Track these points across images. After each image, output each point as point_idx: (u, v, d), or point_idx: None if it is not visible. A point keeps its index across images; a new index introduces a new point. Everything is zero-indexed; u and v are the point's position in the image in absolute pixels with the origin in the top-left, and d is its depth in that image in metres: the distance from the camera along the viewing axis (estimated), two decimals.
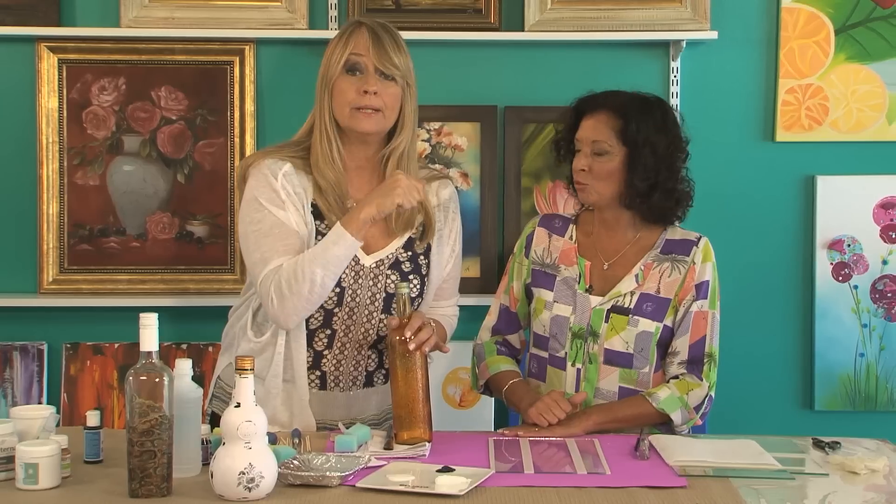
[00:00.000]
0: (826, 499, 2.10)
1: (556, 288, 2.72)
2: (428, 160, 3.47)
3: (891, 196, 3.51)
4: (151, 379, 2.05)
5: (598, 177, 2.66)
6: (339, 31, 2.64)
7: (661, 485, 2.12)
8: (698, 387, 2.62)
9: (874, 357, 3.51)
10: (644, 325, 2.63)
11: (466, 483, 2.08)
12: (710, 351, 2.65)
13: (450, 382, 3.48)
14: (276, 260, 2.51)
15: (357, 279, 2.57)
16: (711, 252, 2.70)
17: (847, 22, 3.48)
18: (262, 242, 2.53)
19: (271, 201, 2.54)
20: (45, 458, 2.10)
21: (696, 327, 2.64)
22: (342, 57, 2.57)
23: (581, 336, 2.66)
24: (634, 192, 2.65)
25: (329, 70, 2.58)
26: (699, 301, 2.65)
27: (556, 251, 2.76)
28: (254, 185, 2.57)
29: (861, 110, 3.50)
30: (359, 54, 2.56)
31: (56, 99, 3.44)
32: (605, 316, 2.65)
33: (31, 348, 3.45)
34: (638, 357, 2.63)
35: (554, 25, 3.42)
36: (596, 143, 2.65)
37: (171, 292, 3.47)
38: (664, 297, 2.65)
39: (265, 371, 2.58)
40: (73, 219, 3.46)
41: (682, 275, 2.66)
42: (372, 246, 2.59)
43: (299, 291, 2.46)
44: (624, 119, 2.64)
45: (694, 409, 2.61)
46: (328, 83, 2.58)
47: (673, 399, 2.60)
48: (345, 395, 2.64)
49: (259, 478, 2.02)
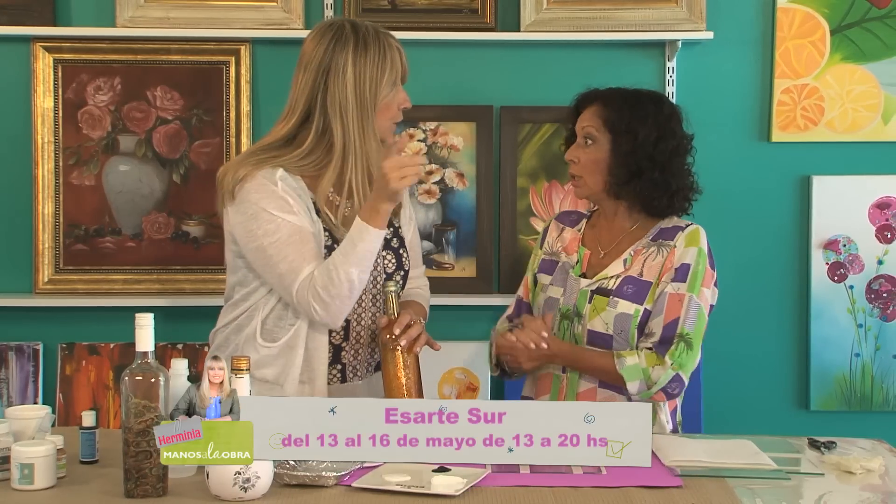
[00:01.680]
0: (822, 499, 2.10)
1: (555, 273, 2.79)
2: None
3: (886, 196, 3.51)
4: (147, 379, 2.05)
5: (586, 167, 2.71)
6: (367, 45, 2.60)
7: (656, 485, 2.13)
8: (661, 364, 2.61)
9: (870, 357, 3.52)
10: (623, 306, 2.65)
11: (462, 483, 2.08)
12: (681, 332, 2.61)
13: (445, 382, 3.48)
14: (306, 268, 2.52)
15: None
16: (699, 238, 2.68)
17: (842, 22, 3.48)
18: (286, 252, 2.53)
19: (281, 209, 2.54)
20: (41, 458, 2.10)
21: (670, 308, 2.63)
22: (393, 78, 2.61)
23: (568, 317, 2.71)
24: (615, 180, 2.69)
25: (374, 90, 2.58)
26: (675, 283, 2.64)
27: (563, 242, 2.83)
28: (258, 198, 2.55)
29: (856, 110, 3.50)
30: (401, 75, 2.64)
31: (51, 99, 3.44)
32: (588, 297, 2.69)
33: (27, 348, 3.45)
34: (618, 339, 2.65)
35: (550, 25, 3.42)
36: (584, 129, 2.73)
37: (167, 292, 3.47)
38: (646, 281, 2.67)
39: (284, 376, 2.58)
40: (69, 219, 3.46)
41: (664, 258, 2.68)
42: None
43: (339, 294, 2.49)
44: (611, 108, 2.71)
45: (655, 384, 2.60)
46: (374, 104, 2.59)
47: (636, 368, 2.60)
48: (364, 382, 2.68)
49: (255, 478, 2.02)
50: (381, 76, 2.58)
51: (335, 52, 2.58)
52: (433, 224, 3.50)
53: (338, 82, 2.57)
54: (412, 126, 3.47)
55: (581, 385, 2.68)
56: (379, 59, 2.59)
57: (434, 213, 3.50)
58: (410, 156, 2.52)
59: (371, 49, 2.58)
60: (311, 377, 2.59)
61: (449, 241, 3.51)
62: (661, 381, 2.59)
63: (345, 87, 2.56)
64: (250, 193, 2.55)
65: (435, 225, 3.50)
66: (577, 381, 2.69)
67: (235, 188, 2.57)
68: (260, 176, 2.56)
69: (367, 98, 2.57)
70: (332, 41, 2.59)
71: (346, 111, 2.56)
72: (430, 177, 3.49)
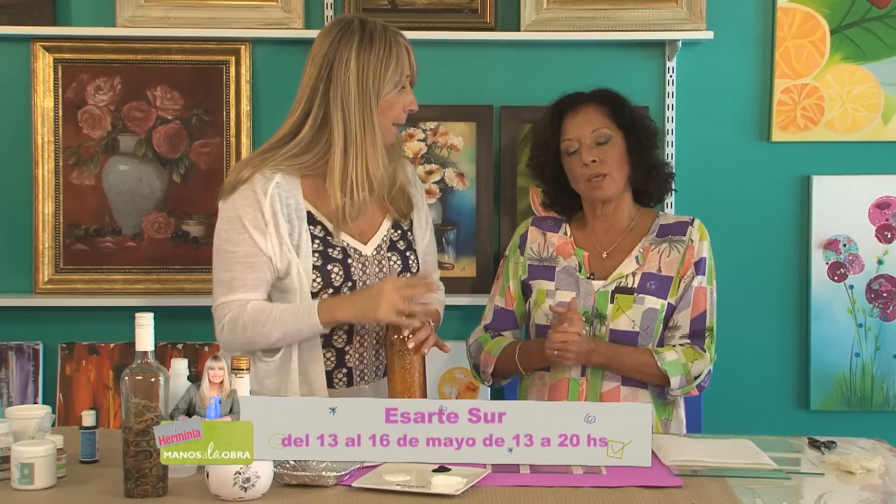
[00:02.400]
0: (822, 498, 2.10)
1: (557, 277, 2.77)
2: (424, 160, 3.48)
3: (886, 196, 3.51)
4: (147, 379, 2.06)
5: (612, 163, 2.73)
6: (373, 39, 2.58)
7: (657, 484, 2.13)
8: (701, 358, 2.68)
9: (870, 357, 3.52)
10: (650, 302, 2.69)
11: (462, 483, 2.08)
12: (710, 325, 2.72)
13: (446, 382, 3.48)
14: (241, 293, 2.54)
15: (364, 269, 2.61)
16: (706, 231, 2.78)
17: (842, 22, 3.48)
18: (234, 268, 2.56)
19: (254, 224, 2.54)
20: (41, 458, 2.10)
21: (697, 302, 2.71)
22: (397, 75, 2.58)
23: (587, 320, 2.70)
24: (639, 174, 2.75)
25: (377, 85, 2.56)
26: (699, 277, 2.72)
27: (552, 246, 2.82)
28: (241, 203, 2.55)
29: (856, 110, 3.50)
30: (408, 76, 2.61)
31: (51, 98, 3.43)
32: (609, 297, 2.69)
33: (27, 348, 3.45)
34: (643, 335, 2.68)
35: (550, 25, 3.42)
36: (596, 131, 2.73)
37: (167, 292, 3.47)
38: (666, 276, 2.71)
39: (283, 391, 2.58)
40: (69, 218, 3.46)
41: (681, 253, 2.73)
42: (367, 233, 2.64)
43: (251, 339, 2.52)
44: (609, 105, 2.75)
45: (694, 378, 2.65)
46: (377, 98, 2.56)
47: (678, 364, 2.65)
48: (371, 387, 2.67)
49: (255, 477, 2.02)
50: (384, 71, 2.56)
51: (340, 45, 2.57)
52: (433, 224, 3.49)
53: (340, 74, 2.55)
54: (412, 126, 3.47)
55: (605, 385, 2.68)
56: (384, 54, 2.57)
57: (434, 213, 3.49)
58: (408, 293, 2.50)
59: (377, 44, 2.57)
60: (310, 391, 2.58)
61: (449, 241, 3.51)
62: (702, 374, 2.64)
63: (347, 79, 2.54)
64: (238, 196, 2.56)
65: (435, 225, 3.49)
66: (601, 381, 2.68)
67: (235, 184, 2.57)
68: (256, 181, 2.55)
69: (370, 92, 2.55)
70: (339, 35, 2.58)
71: (347, 103, 2.54)
72: (430, 177, 3.49)
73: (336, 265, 2.58)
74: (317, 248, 2.57)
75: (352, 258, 2.60)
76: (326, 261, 2.57)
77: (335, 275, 2.57)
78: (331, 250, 2.58)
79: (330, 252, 2.58)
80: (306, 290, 2.54)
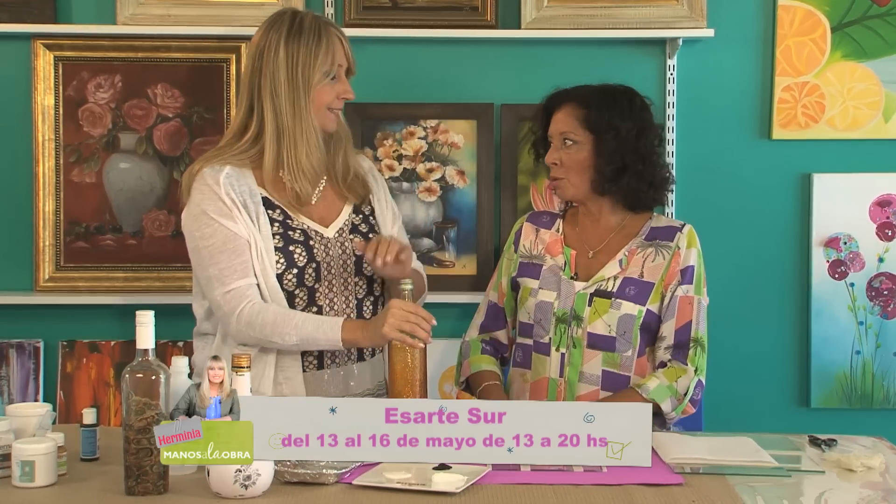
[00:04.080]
0: (822, 496, 2.11)
1: (542, 276, 2.77)
2: (424, 158, 3.48)
3: (887, 194, 3.51)
4: (148, 377, 2.06)
5: (570, 168, 2.73)
6: (302, 29, 2.63)
7: (657, 482, 2.13)
8: (685, 374, 2.64)
9: (870, 355, 3.52)
10: (626, 307, 2.66)
11: (463, 480, 2.08)
12: (696, 336, 2.67)
13: (446, 380, 3.48)
14: (234, 282, 2.56)
15: (327, 251, 2.65)
16: (696, 238, 2.74)
17: (843, 20, 3.48)
18: (218, 259, 2.57)
19: (220, 212, 2.57)
20: (42, 455, 2.10)
21: (682, 312, 2.67)
22: (327, 65, 2.63)
23: (565, 321, 2.69)
24: (604, 178, 2.70)
25: (307, 73, 2.60)
26: (684, 286, 2.68)
27: (542, 243, 2.83)
28: (200, 199, 2.59)
29: (857, 108, 3.50)
30: (341, 65, 2.65)
31: (52, 96, 3.43)
32: (588, 300, 2.68)
33: (28, 346, 3.45)
34: (620, 340, 2.66)
35: (550, 23, 3.42)
36: (563, 133, 2.74)
37: (168, 290, 3.46)
38: (648, 282, 2.68)
39: (258, 380, 2.58)
40: (69, 216, 3.46)
41: (666, 260, 2.70)
42: (327, 218, 2.69)
43: (267, 337, 2.54)
44: (587, 108, 2.72)
45: (683, 395, 2.62)
46: (308, 86, 2.60)
47: (662, 388, 2.61)
48: (342, 369, 2.68)
49: (255, 475, 2.02)
50: (313, 60, 2.61)
51: (270, 36, 2.64)
52: (434, 222, 3.50)
53: (269, 63, 2.61)
54: (413, 124, 3.47)
55: (581, 388, 2.68)
56: (313, 43, 2.61)
57: (434, 211, 3.49)
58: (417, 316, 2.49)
59: (306, 33, 2.62)
60: (286, 378, 2.61)
61: (449, 239, 3.51)
62: (689, 389, 2.61)
63: (277, 68, 2.60)
64: (195, 194, 2.61)
65: (435, 222, 3.50)
66: (576, 384, 2.68)
67: (189, 184, 2.63)
68: (206, 175, 2.60)
69: (300, 80, 2.60)
70: (270, 27, 2.66)
71: (276, 92, 2.60)
72: (430, 174, 3.49)
73: (298, 246, 2.62)
74: (277, 230, 2.62)
75: (313, 240, 2.64)
76: (287, 242, 2.62)
77: (298, 255, 2.61)
78: (291, 232, 2.63)
79: (290, 234, 2.63)
80: (269, 271, 2.58)
